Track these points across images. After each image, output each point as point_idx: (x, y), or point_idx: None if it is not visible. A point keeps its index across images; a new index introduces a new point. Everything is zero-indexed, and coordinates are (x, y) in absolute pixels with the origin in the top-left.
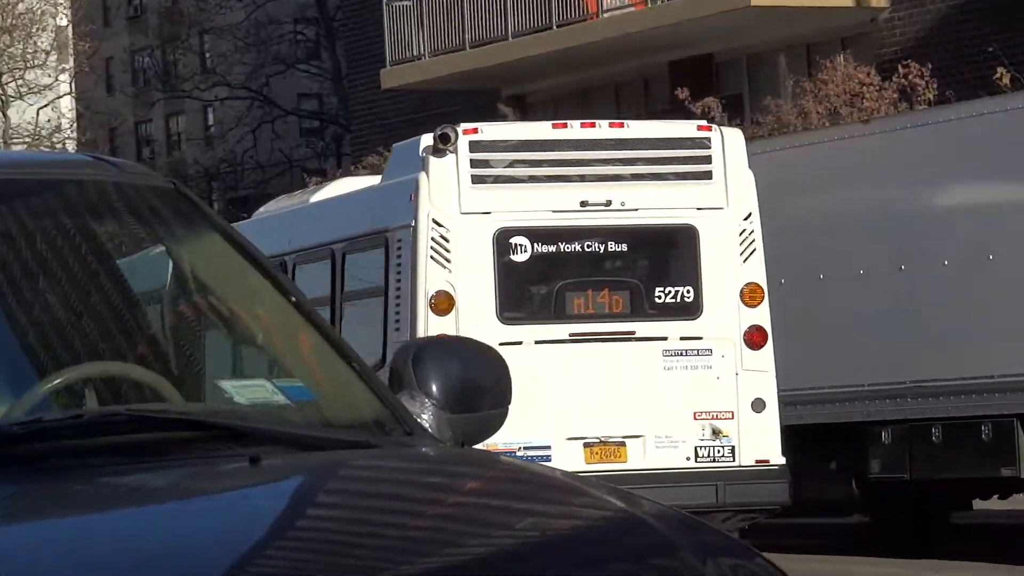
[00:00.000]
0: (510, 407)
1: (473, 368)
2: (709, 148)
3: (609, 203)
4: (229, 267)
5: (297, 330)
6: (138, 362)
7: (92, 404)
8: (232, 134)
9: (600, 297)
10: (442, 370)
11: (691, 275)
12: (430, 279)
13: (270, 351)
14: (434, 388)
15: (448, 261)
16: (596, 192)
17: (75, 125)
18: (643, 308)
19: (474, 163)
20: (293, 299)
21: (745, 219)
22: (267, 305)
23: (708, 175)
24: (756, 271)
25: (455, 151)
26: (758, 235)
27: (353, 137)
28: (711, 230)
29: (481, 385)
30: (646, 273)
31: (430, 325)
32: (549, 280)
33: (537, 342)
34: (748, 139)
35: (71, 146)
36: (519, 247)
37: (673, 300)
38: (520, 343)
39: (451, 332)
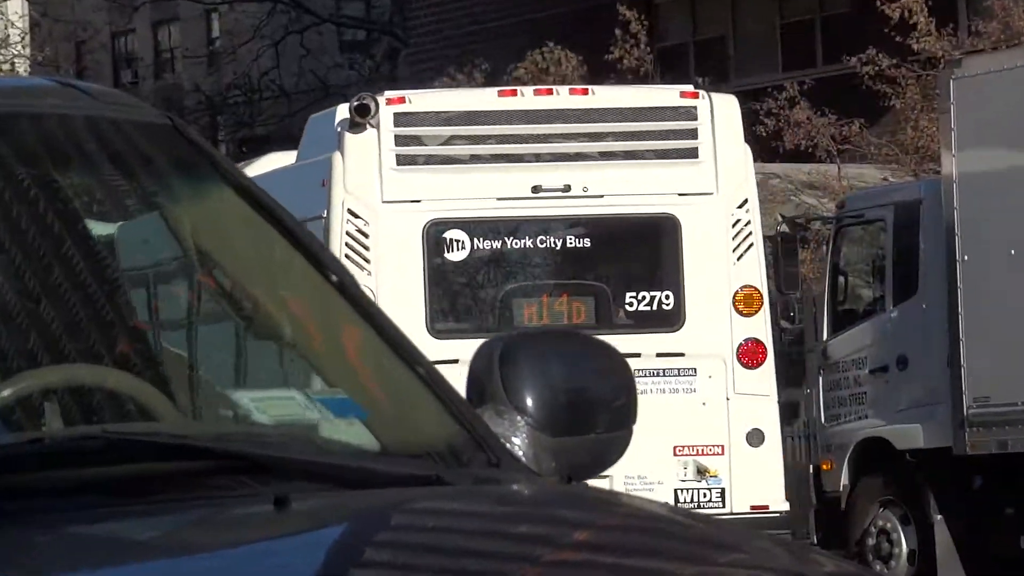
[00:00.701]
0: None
1: (584, 373)
2: (695, 120)
3: (568, 188)
4: (246, 234)
5: (340, 321)
6: (118, 365)
7: (55, 424)
8: (246, 50)
9: (557, 304)
10: (541, 376)
11: (671, 277)
12: None
13: (303, 350)
14: (529, 401)
15: (367, 261)
16: (553, 175)
17: (28, 37)
18: (610, 318)
19: (400, 140)
20: (335, 279)
21: (740, 207)
22: (299, 287)
23: (693, 153)
24: (752, 272)
25: (376, 125)
26: (756, 227)
27: (410, 54)
28: (696, 221)
29: (595, 397)
30: (615, 274)
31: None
32: (493, 284)
33: None
34: (966, 53)
35: (23, 67)
36: (455, 243)
37: (648, 308)
38: (456, 361)
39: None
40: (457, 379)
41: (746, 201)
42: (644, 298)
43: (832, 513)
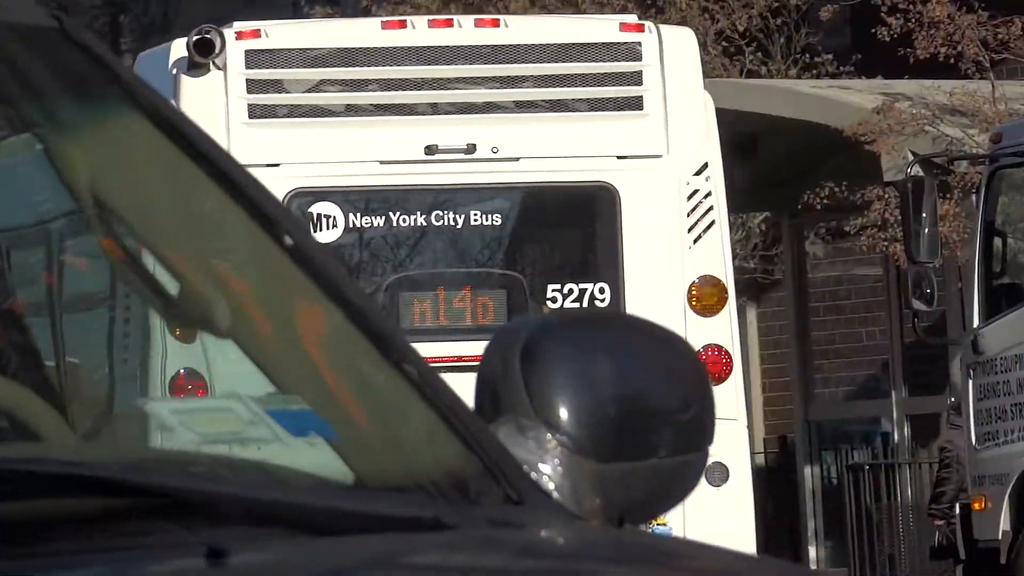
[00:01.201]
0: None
1: (640, 374)
2: (639, 60)
3: (473, 149)
4: (163, 178)
5: (297, 302)
6: None
7: None
8: None
9: (457, 300)
10: (580, 378)
11: (607, 265)
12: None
13: (244, 342)
14: (564, 414)
15: None
16: (454, 131)
17: None
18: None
19: (254, 85)
20: (289, 242)
21: (697, 174)
22: (238, 254)
23: (637, 103)
24: (714, 258)
25: (222, 66)
26: (719, 199)
27: None
28: (640, 192)
29: (656, 407)
30: (533, 262)
31: (169, 351)
32: (372, 274)
33: None
34: None
35: None
36: (325, 220)
37: (577, 305)
38: None
39: (202, 361)
40: (457, 384)
41: (706, 166)
42: (571, 292)
43: (987, 569)
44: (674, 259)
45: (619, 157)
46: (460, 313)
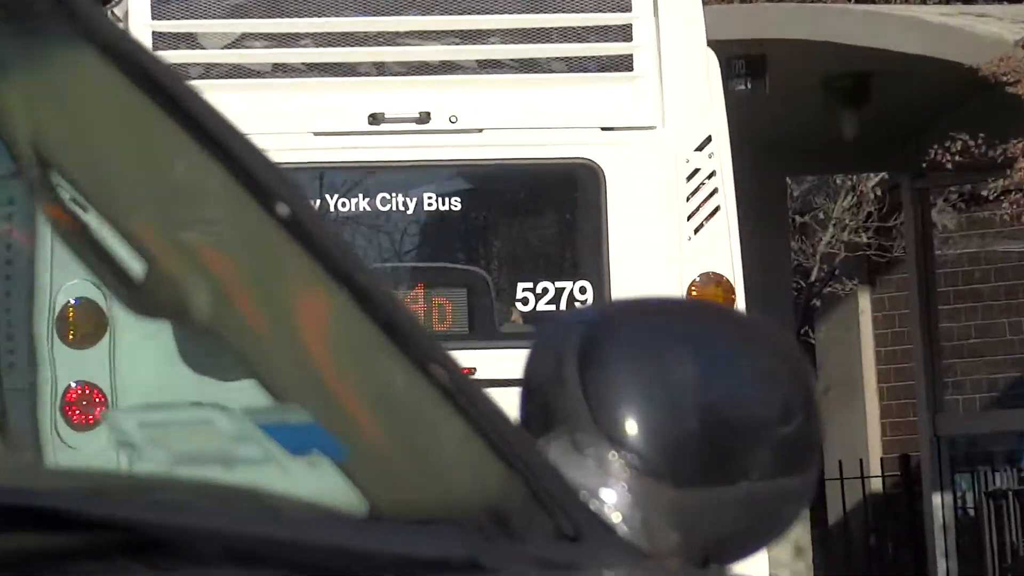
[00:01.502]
0: None
1: (729, 376)
2: (628, 10)
3: (427, 118)
4: (123, 129)
5: (294, 286)
6: None
7: None
8: None
9: (409, 301)
10: (653, 382)
11: (589, 258)
12: (57, 274)
13: (228, 337)
14: (633, 427)
15: None
16: (404, 96)
17: None
18: (493, 323)
19: (161, 40)
20: (284, 211)
21: (699, 149)
22: (220, 225)
23: (625, 64)
24: (719, 251)
25: (123, 16)
26: (725, 180)
27: None
28: (630, 171)
29: (749, 417)
30: (501, 256)
31: (59, 363)
32: None
33: None
34: None
35: None
36: None
37: (553, 308)
38: None
39: (105, 379)
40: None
41: (709, 140)
42: (546, 292)
43: None
44: (670, 253)
45: (604, 129)
46: None
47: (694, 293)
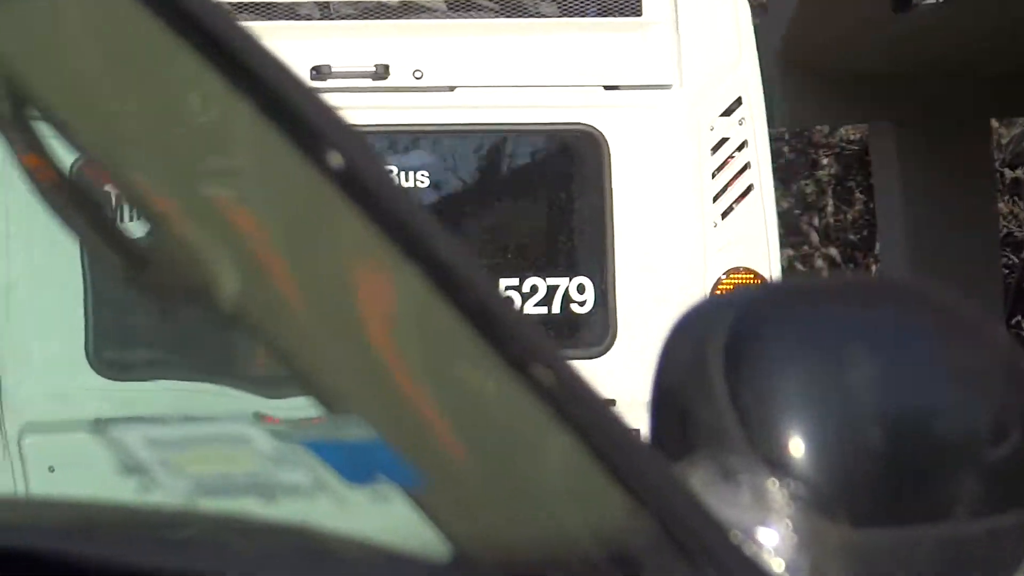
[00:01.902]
0: None
1: (924, 381)
2: None
3: (385, 72)
4: (128, 53)
5: (351, 259)
6: None
7: None
8: None
9: None
10: (822, 391)
11: (588, 251)
12: None
13: (267, 320)
14: (797, 448)
15: None
16: (355, 46)
17: None
18: None
19: None
20: (338, 162)
21: (725, 114)
22: (256, 178)
23: (633, 7)
24: (752, 239)
25: None
26: (759, 152)
27: None
28: (640, 141)
29: (952, 436)
30: (480, 244)
31: None
32: None
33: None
34: None
35: None
36: None
37: (544, 310)
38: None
39: None
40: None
41: (738, 103)
42: (535, 290)
43: None
44: (691, 243)
45: (607, 88)
46: None
47: (724, 291)
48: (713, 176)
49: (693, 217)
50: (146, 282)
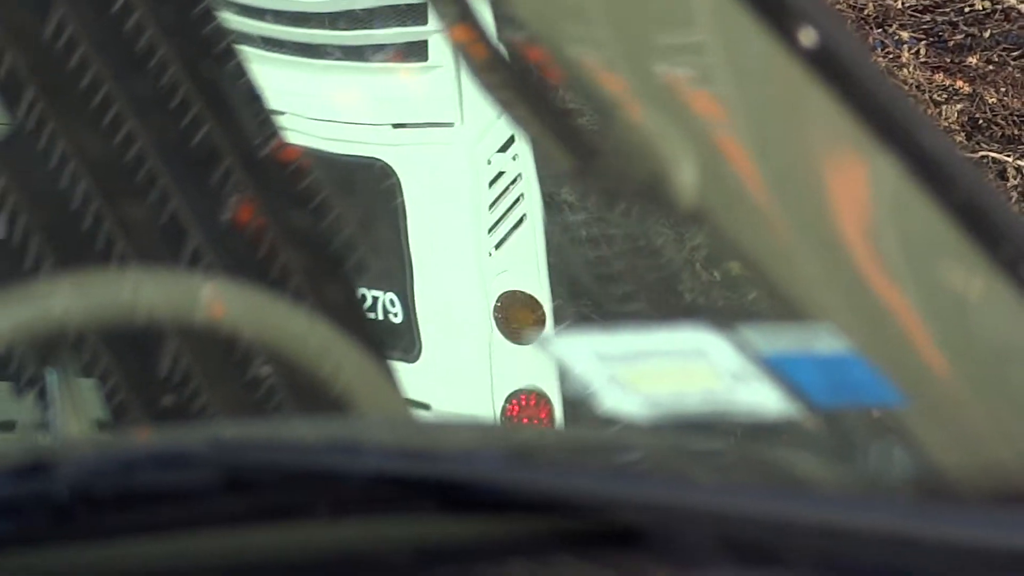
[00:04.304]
0: None
1: None
2: None
3: None
4: None
5: (821, 144)
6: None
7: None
8: None
9: None
10: None
11: (394, 269)
12: None
13: (722, 213)
14: None
15: None
16: None
17: None
18: None
19: None
20: (810, 39)
21: (502, 150)
22: (716, 55)
23: (420, 50)
24: (525, 266)
25: None
26: (530, 183)
27: None
28: (427, 175)
29: None
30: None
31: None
32: None
33: None
34: None
35: None
36: None
37: (373, 316)
38: None
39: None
40: None
41: (513, 140)
42: (365, 299)
43: None
44: (473, 268)
45: (395, 126)
46: None
47: (500, 312)
48: (490, 208)
49: (472, 245)
50: (594, 173)
